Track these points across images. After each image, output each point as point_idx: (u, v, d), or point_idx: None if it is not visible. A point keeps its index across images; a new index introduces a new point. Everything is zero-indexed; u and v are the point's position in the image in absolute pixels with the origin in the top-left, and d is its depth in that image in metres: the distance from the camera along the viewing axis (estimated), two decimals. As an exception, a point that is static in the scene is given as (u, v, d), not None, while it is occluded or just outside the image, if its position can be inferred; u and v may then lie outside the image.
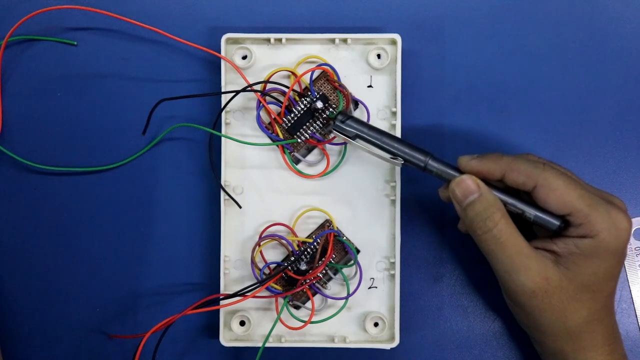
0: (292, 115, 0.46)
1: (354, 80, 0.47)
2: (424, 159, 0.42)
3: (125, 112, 0.48)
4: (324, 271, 0.46)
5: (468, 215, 0.40)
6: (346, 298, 0.45)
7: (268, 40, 0.47)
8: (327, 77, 0.47)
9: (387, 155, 0.42)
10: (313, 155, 0.47)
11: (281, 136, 0.46)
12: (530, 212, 0.40)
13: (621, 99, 0.48)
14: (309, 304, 0.46)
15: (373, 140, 0.42)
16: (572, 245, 0.39)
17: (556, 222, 0.40)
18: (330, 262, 0.46)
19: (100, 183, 0.48)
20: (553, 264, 0.40)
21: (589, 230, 0.39)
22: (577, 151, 0.48)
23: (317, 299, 0.47)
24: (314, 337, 0.47)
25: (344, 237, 0.47)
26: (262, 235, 0.46)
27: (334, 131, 0.43)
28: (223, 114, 0.46)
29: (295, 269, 0.45)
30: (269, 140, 0.47)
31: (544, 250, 0.40)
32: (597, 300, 0.40)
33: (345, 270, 0.46)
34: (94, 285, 0.48)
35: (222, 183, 0.46)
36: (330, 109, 0.46)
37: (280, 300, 0.46)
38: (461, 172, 0.41)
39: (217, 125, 0.46)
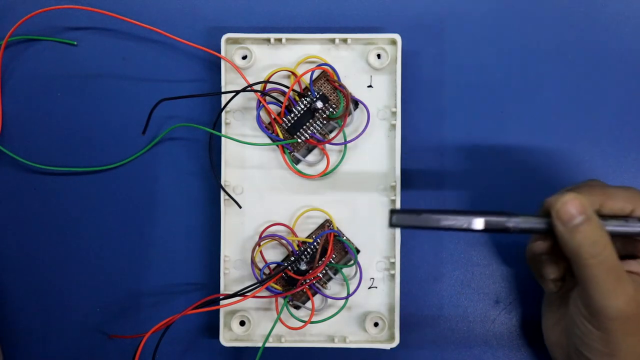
0: (292, 115, 0.46)
1: (354, 80, 0.47)
2: (505, 219, 0.38)
3: (125, 112, 0.48)
4: (324, 271, 0.46)
5: (575, 237, 0.37)
6: (346, 298, 0.45)
7: (268, 40, 0.47)
8: (327, 77, 0.47)
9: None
10: (313, 155, 0.47)
11: (281, 136, 0.46)
12: (636, 224, 0.38)
13: (621, 98, 0.48)
14: (309, 304, 0.46)
15: (439, 227, 0.37)
16: None
17: None
18: (330, 262, 0.46)
19: (100, 183, 0.48)
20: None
21: None
22: (577, 151, 0.48)
23: (317, 299, 0.47)
24: (314, 337, 0.47)
25: (344, 237, 0.47)
26: (262, 235, 0.46)
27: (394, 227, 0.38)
28: (223, 114, 0.46)
29: (295, 269, 0.45)
30: (269, 140, 0.47)
31: (632, 273, 0.39)
32: None
33: (345, 270, 0.46)
34: (94, 285, 0.48)
35: (222, 183, 0.46)
36: (330, 109, 0.46)
37: (280, 300, 0.46)
38: (547, 216, 0.38)
39: (217, 125, 0.46)
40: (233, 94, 0.46)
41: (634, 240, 0.40)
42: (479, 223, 0.37)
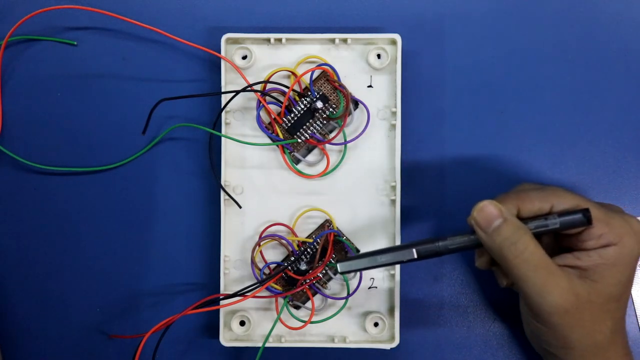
0: (292, 115, 0.46)
1: (354, 80, 0.47)
2: (435, 245, 0.40)
3: (125, 112, 0.48)
4: (324, 271, 0.46)
5: (496, 241, 0.39)
6: (346, 298, 0.45)
7: (268, 40, 0.47)
8: (327, 77, 0.47)
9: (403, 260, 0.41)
10: (313, 155, 0.47)
11: (281, 136, 0.46)
12: (554, 220, 0.39)
13: (621, 99, 0.48)
14: (309, 304, 0.46)
15: (379, 264, 0.41)
16: (596, 257, 0.39)
17: (579, 215, 0.39)
18: (330, 262, 0.46)
19: (100, 183, 0.48)
20: (580, 279, 0.39)
21: (612, 238, 0.39)
22: (577, 151, 0.48)
23: (317, 299, 0.47)
24: (314, 337, 0.47)
25: (344, 237, 0.47)
26: (262, 235, 0.46)
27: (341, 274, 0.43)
28: (223, 114, 0.46)
29: (295, 269, 0.45)
30: (269, 140, 0.47)
31: (568, 267, 0.40)
32: (620, 309, 0.40)
33: (345, 270, 0.46)
34: (94, 285, 0.48)
35: (222, 183, 0.46)
36: (330, 109, 0.46)
37: (280, 300, 0.46)
38: (473, 232, 0.40)
39: (217, 125, 0.46)
40: (233, 94, 0.46)
41: (567, 235, 0.40)
42: (412, 254, 0.40)
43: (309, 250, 0.46)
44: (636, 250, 0.39)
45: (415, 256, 0.40)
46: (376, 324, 0.46)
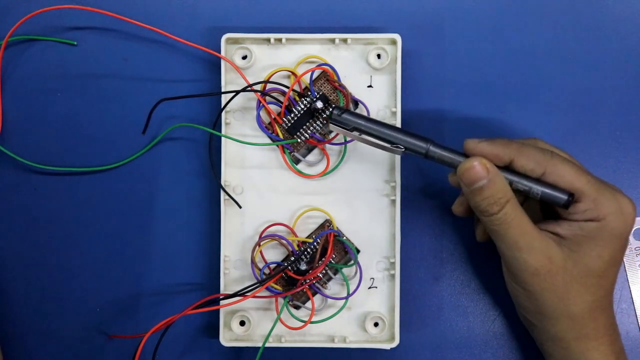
0: (292, 115, 0.46)
1: (354, 80, 0.47)
2: (425, 145, 0.41)
3: (125, 112, 0.48)
4: (324, 271, 0.46)
5: (475, 199, 0.40)
6: (346, 298, 0.45)
7: (268, 40, 0.47)
8: (327, 77, 0.47)
9: (388, 145, 0.42)
10: (313, 155, 0.47)
11: (281, 136, 0.46)
12: (537, 189, 0.40)
13: (621, 98, 0.48)
14: (309, 304, 0.46)
15: (371, 131, 0.42)
16: (577, 228, 0.40)
17: (564, 196, 0.40)
18: (330, 262, 0.46)
19: (100, 183, 0.48)
20: (557, 244, 0.40)
21: (597, 214, 0.39)
22: (577, 151, 0.48)
23: (317, 299, 0.47)
24: (314, 337, 0.47)
25: (344, 237, 0.47)
26: (262, 235, 0.46)
27: (332, 125, 0.42)
28: (223, 114, 0.46)
29: (295, 269, 0.45)
30: (269, 140, 0.47)
31: (549, 232, 0.41)
32: (602, 287, 0.40)
33: (345, 270, 0.46)
34: (94, 285, 0.48)
35: (222, 183, 0.46)
36: (330, 109, 0.46)
37: (280, 300, 0.46)
38: (466, 155, 0.41)
39: (217, 125, 0.46)
40: (233, 94, 0.46)
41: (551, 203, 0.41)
42: (399, 140, 0.41)
43: (309, 250, 0.46)
44: (620, 229, 0.40)
45: (402, 147, 0.41)
46: (376, 324, 0.46)
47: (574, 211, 0.40)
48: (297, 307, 0.46)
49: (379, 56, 0.47)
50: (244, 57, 0.47)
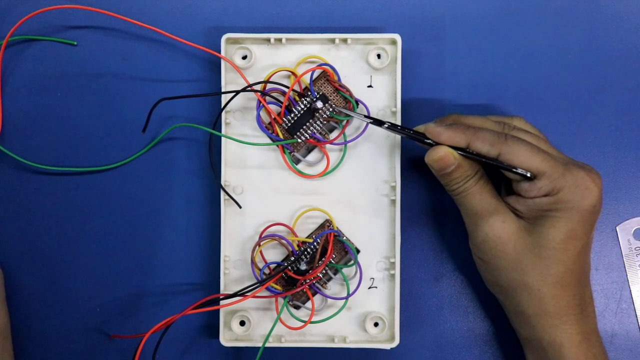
0: (292, 115, 0.46)
1: (354, 80, 0.47)
2: (384, 124, 0.43)
3: (125, 111, 0.48)
4: (324, 271, 0.46)
5: (444, 180, 0.43)
6: (346, 298, 0.45)
7: (268, 40, 0.47)
8: (327, 77, 0.47)
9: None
10: (313, 155, 0.47)
11: (281, 136, 0.46)
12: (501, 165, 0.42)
13: (621, 99, 0.48)
14: (309, 304, 0.46)
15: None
16: (532, 203, 0.41)
17: (517, 176, 0.41)
18: (330, 262, 0.46)
19: (100, 183, 0.48)
20: (515, 217, 0.42)
21: (551, 189, 0.40)
22: (577, 151, 0.48)
23: (317, 299, 0.47)
24: (314, 337, 0.47)
25: (344, 237, 0.47)
26: (262, 235, 0.46)
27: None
28: (223, 114, 0.46)
29: (295, 269, 0.45)
30: (269, 140, 0.47)
31: (510, 207, 0.42)
32: (560, 261, 0.41)
33: (345, 270, 0.46)
34: (94, 285, 0.48)
35: (222, 183, 0.46)
36: (330, 109, 0.46)
37: (280, 300, 0.46)
38: (425, 137, 0.42)
39: (217, 125, 0.46)
40: (233, 94, 0.46)
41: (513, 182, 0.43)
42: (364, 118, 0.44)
43: (309, 250, 0.46)
44: (577, 201, 0.40)
45: (370, 120, 0.44)
46: (376, 324, 0.46)
47: (530, 189, 0.41)
48: (297, 307, 0.46)
49: (379, 56, 0.47)
50: (244, 57, 0.47)
